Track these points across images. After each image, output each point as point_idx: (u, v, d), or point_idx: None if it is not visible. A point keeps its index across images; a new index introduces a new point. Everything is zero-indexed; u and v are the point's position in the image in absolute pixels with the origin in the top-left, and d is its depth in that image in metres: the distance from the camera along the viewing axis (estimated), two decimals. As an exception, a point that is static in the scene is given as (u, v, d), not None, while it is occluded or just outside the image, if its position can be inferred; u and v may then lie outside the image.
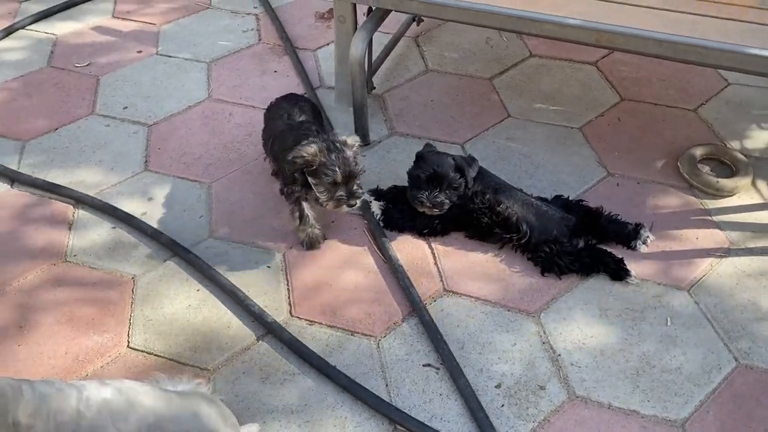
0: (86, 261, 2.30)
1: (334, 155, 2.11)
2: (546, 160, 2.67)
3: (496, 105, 2.96)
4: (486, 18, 2.34)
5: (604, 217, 2.35)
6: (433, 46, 3.32)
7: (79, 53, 3.28)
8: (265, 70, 3.18)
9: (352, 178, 2.13)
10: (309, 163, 2.12)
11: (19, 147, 2.75)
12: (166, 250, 2.33)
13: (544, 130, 2.82)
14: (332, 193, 2.13)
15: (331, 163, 2.10)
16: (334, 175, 2.10)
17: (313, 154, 2.10)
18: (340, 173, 2.10)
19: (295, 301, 2.18)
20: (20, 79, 3.12)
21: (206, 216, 2.47)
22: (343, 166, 2.10)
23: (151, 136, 2.81)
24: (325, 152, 2.11)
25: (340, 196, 2.13)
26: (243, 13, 3.60)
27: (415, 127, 2.84)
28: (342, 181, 2.11)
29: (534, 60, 3.22)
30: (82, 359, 2.01)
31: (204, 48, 3.32)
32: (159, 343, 2.06)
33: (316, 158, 2.10)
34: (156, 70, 3.18)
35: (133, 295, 2.19)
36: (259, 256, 2.32)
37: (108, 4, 3.65)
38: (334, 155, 2.11)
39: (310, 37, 3.41)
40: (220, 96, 3.03)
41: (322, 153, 2.11)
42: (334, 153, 2.11)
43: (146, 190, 2.57)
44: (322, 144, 2.12)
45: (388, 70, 3.14)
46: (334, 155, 2.11)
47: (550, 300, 2.18)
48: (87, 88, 3.06)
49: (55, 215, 2.47)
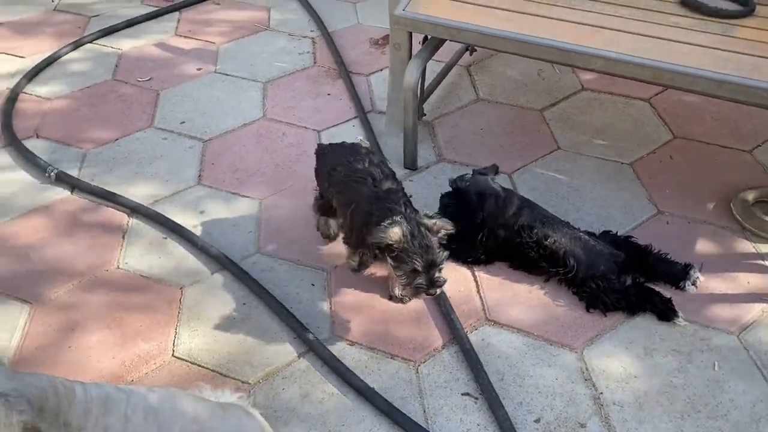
0: (137, 269, 2.37)
1: (417, 242, 1.95)
2: (595, 195, 2.65)
3: (545, 136, 2.96)
4: (541, 51, 2.36)
5: (653, 255, 2.32)
6: (485, 75, 3.34)
7: (141, 68, 3.41)
8: (318, 93, 3.25)
9: (434, 267, 1.98)
10: (391, 247, 1.98)
11: (81, 155, 2.87)
12: (215, 263, 2.38)
13: (593, 164, 2.81)
14: (411, 279, 1.98)
15: (414, 251, 1.95)
16: (416, 264, 1.95)
17: (397, 240, 1.95)
18: (422, 263, 1.95)
19: (337, 321, 2.20)
20: (85, 90, 3.25)
21: (255, 231, 2.52)
22: (427, 254, 1.95)
23: (206, 151, 2.89)
24: (408, 238, 1.95)
25: (420, 285, 1.98)
26: (300, 35, 3.69)
27: (464, 155, 2.86)
28: (423, 270, 1.97)
29: (586, 94, 3.21)
30: (129, 365, 2.06)
31: (261, 68, 3.41)
32: (203, 353, 2.10)
33: (399, 244, 1.96)
34: (214, 87, 3.28)
35: (181, 305, 2.25)
36: (304, 273, 2.36)
37: (171, 23, 3.80)
38: (418, 242, 1.95)
39: (363, 62, 3.47)
40: (274, 116, 3.10)
41: (406, 238, 1.95)
42: (418, 239, 1.95)
43: (198, 203, 2.64)
44: (407, 227, 1.96)
45: (439, 98, 3.17)
46: (417, 242, 1.95)
47: (594, 336, 2.15)
48: (147, 101, 3.18)
49: (111, 223, 2.55)
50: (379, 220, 2.01)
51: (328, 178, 2.26)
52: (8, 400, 1.25)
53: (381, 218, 2.01)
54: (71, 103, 3.17)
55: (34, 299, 2.26)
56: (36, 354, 2.09)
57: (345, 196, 2.19)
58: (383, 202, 2.08)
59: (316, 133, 3.01)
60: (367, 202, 2.10)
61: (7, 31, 3.72)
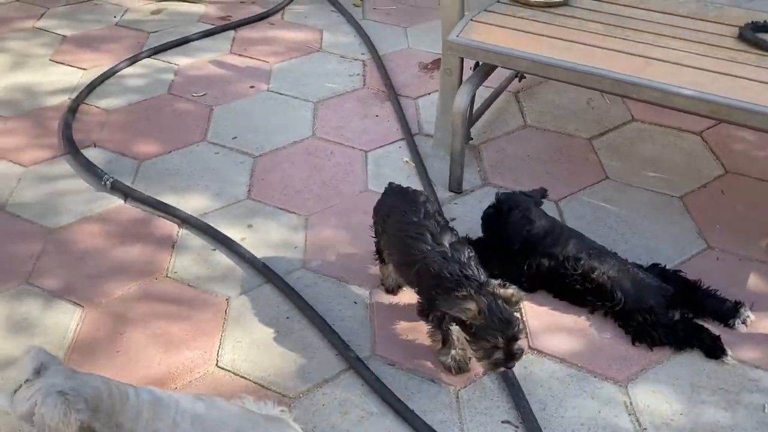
0: (185, 278, 2.42)
1: (497, 318, 1.82)
2: (643, 227, 2.62)
3: (594, 165, 2.94)
4: (597, 81, 2.36)
5: (702, 291, 2.27)
6: (533, 102, 3.35)
7: (196, 84, 3.51)
8: (367, 114, 3.30)
9: (514, 341, 1.86)
10: (466, 323, 1.87)
11: (136, 166, 2.96)
12: (261, 276, 2.42)
13: (642, 195, 2.78)
14: (489, 354, 1.86)
15: (494, 328, 1.82)
16: (495, 342, 1.84)
17: (473, 316, 1.83)
18: (502, 339, 1.83)
19: (379, 340, 2.21)
20: (142, 103, 3.36)
21: (301, 247, 2.55)
22: (507, 330, 1.83)
23: (256, 166, 2.96)
24: (486, 313, 1.82)
25: (498, 360, 1.86)
26: (351, 58, 3.76)
27: (510, 180, 2.86)
28: (502, 345, 1.85)
29: (636, 124, 3.19)
30: (173, 372, 2.10)
31: (312, 88, 3.48)
32: (246, 365, 2.13)
33: (476, 320, 1.84)
34: (266, 105, 3.36)
35: (226, 315, 2.29)
36: (348, 291, 2.38)
37: (226, 41, 3.91)
38: (497, 318, 1.82)
39: (412, 85, 3.52)
40: (324, 135, 3.16)
41: (483, 314, 1.83)
42: (497, 315, 1.82)
43: (247, 216, 2.69)
44: (484, 301, 1.83)
45: (487, 122, 3.19)
46: (497, 318, 1.82)
47: (639, 370, 2.11)
48: (201, 116, 3.27)
49: (162, 232, 2.62)
50: (450, 286, 1.89)
51: (381, 224, 2.18)
52: (67, 398, 1.29)
53: (452, 285, 1.89)
54: (128, 116, 3.28)
55: (86, 302, 2.32)
56: (85, 355, 2.14)
57: (402, 254, 2.06)
58: (453, 264, 1.94)
59: (363, 153, 3.05)
60: (435, 264, 1.96)
61: (71, 44, 3.88)
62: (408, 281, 2.13)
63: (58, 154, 3.01)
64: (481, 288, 1.88)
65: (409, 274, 2.06)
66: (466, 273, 1.92)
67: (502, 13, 2.74)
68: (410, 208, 2.09)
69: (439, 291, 1.93)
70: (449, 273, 1.92)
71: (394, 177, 2.88)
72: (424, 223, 2.05)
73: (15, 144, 3.08)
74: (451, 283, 1.91)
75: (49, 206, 2.73)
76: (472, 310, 1.82)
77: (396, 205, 2.15)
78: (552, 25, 2.66)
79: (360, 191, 2.82)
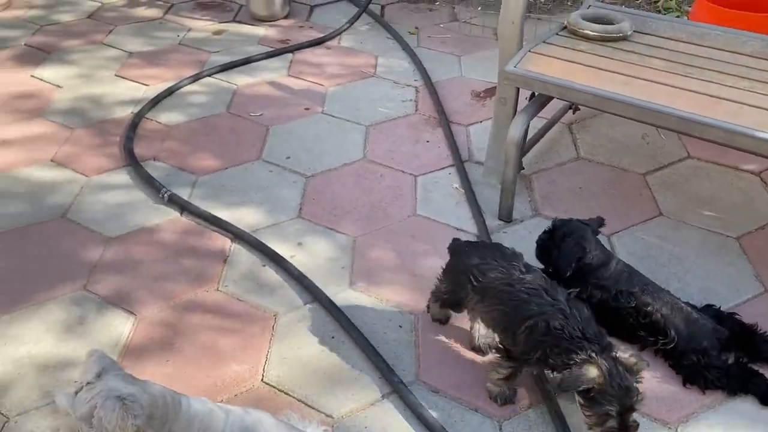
0: (235, 293, 2.47)
1: (616, 385, 1.75)
2: (697, 266, 2.56)
3: (647, 201, 2.90)
4: (658, 117, 2.34)
5: (759, 335, 2.21)
6: (587, 134, 3.33)
7: (254, 103, 3.60)
8: (418, 139, 3.33)
9: (630, 411, 1.79)
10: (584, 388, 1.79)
11: (192, 180, 3.04)
12: (308, 294, 2.45)
13: (697, 234, 2.72)
14: (602, 422, 1.79)
15: (612, 394, 1.75)
16: (612, 409, 1.77)
17: (594, 381, 1.76)
18: (619, 407, 1.76)
19: (423, 366, 2.20)
20: (202, 120, 3.47)
21: (348, 267, 2.58)
22: (625, 398, 1.76)
23: (307, 186, 3.01)
24: (606, 377, 1.75)
25: (611, 428, 1.79)
26: (404, 84, 3.81)
27: (561, 212, 2.83)
28: (617, 414, 1.78)
29: (692, 162, 3.14)
30: (219, 385, 2.13)
31: (364, 112, 3.54)
32: (290, 381, 2.15)
33: (595, 385, 1.77)
34: (319, 127, 3.42)
35: (273, 331, 2.32)
36: (393, 314, 2.38)
37: (284, 63, 4.01)
38: (617, 385, 1.75)
39: (464, 113, 3.54)
40: (374, 158, 3.20)
41: (604, 379, 1.76)
42: (617, 382, 1.75)
43: (297, 235, 2.73)
44: (605, 366, 1.76)
45: (539, 153, 3.18)
46: (616, 385, 1.75)
47: (690, 413, 2.05)
48: (257, 135, 3.35)
49: (214, 246, 2.68)
50: (569, 347, 1.81)
51: (471, 281, 2.04)
52: (126, 403, 1.33)
53: (572, 346, 1.81)
54: (188, 131, 3.38)
55: (139, 311, 2.39)
56: (136, 363, 2.19)
57: (512, 311, 1.95)
58: (573, 323, 1.85)
59: (412, 177, 3.07)
60: (555, 321, 1.86)
61: (137, 61, 4.04)
62: (511, 339, 1.98)
63: (119, 166, 3.12)
64: (603, 351, 1.80)
65: (516, 331, 1.94)
66: (587, 334, 1.83)
67: (561, 46, 2.74)
68: (510, 264, 2.02)
69: (555, 351, 1.84)
70: (569, 333, 1.83)
71: (444, 203, 2.90)
72: (533, 279, 1.97)
73: (79, 153, 3.21)
74: (570, 344, 1.82)
75: (108, 215, 2.82)
76: (593, 373, 1.75)
77: (488, 260, 2.05)
78: (611, 59, 2.65)
79: (408, 215, 2.84)
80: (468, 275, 2.05)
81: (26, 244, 2.67)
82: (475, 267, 2.05)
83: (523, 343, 1.93)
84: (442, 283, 2.21)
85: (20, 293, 2.45)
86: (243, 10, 4.66)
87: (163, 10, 4.69)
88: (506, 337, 2.01)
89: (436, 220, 2.81)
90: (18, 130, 3.37)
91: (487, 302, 2.03)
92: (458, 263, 2.14)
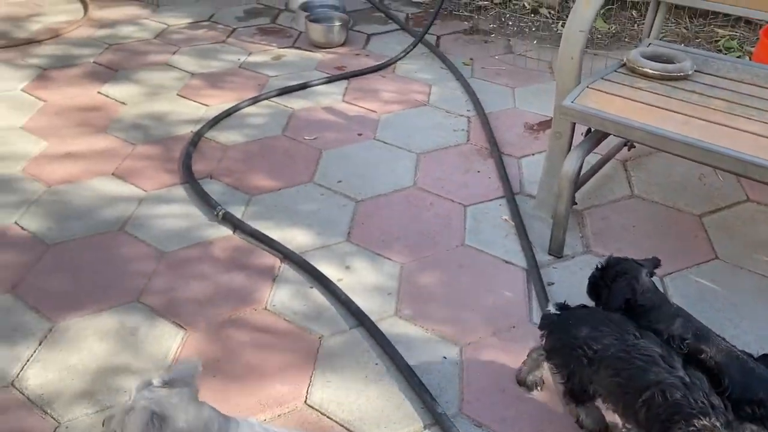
0: (282, 312, 2.50)
1: None
2: (755, 313, 2.48)
3: (702, 243, 2.83)
4: (716, 158, 2.29)
5: (820, 389, 2.11)
6: (642, 172, 3.28)
7: (309, 127, 3.68)
8: (468, 169, 3.34)
9: None
10: None
11: (246, 199, 3.11)
12: (353, 318, 2.46)
13: (755, 280, 2.64)
14: None
15: None
16: None
17: None
18: None
19: (466, 398, 2.18)
20: (258, 142, 3.55)
21: (394, 294, 2.58)
22: None
23: (357, 210, 3.04)
24: None
25: None
26: (456, 114, 3.83)
27: (613, 249, 2.78)
28: None
29: (751, 205, 3.05)
30: (263, 404, 2.16)
31: (416, 140, 3.57)
32: (333, 405, 2.15)
33: None
34: (371, 152, 3.47)
35: (318, 354, 2.33)
36: (438, 344, 2.37)
37: (339, 89, 4.09)
38: None
39: (516, 144, 3.53)
40: (424, 186, 3.21)
41: None
42: None
43: (345, 258, 2.76)
44: None
45: (592, 188, 3.14)
46: None
47: (744, 467, 1.97)
48: (311, 159, 3.41)
49: (264, 265, 2.72)
50: (692, 412, 1.73)
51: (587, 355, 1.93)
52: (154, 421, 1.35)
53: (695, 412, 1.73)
54: (244, 152, 3.46)
55: (189, 325, 2.44)
56: (184, 377, 2.24)
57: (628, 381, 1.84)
58: (696, 391, 1.78)
59: (462, 207, 3.07)
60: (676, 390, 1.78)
61: (199, 81, 4.18)
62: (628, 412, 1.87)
63: (177, 183, 3.22)
64: (730, 424, 1.72)
65: (633, 404, 1.82)
66: (713, 402, 1.76)
67: (619, 83, 2.73)
68: (620, 329, 1.93)
69: (676, 419, 1.74)
70: (693, 400, 1.75)
71: (493, 234, 2.89)
72: (647, 345, 1.87)
73: (139, 168, 3.32)
74: (693, 410, 1.73)
75: (163, 230, 2.91)
76: None
77: (596, 327, 1.96)
78: (670, 98, 2.62)
79: (456, 245, 2.84)
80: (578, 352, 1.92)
81: (85, 254, 2.77)
82: (583, 341, 1.92)
83: (645, 417, 1.79)
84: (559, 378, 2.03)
85: (77, 302, 2.53)
86: (302, 36, 4.79)
87: (226, 34, 4.85)
88: (622, 412, 1.87)
89: (484, 251, 2.80)
90: (83, 144, 3.51)
91: (603, 376, 1.89)
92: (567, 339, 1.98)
